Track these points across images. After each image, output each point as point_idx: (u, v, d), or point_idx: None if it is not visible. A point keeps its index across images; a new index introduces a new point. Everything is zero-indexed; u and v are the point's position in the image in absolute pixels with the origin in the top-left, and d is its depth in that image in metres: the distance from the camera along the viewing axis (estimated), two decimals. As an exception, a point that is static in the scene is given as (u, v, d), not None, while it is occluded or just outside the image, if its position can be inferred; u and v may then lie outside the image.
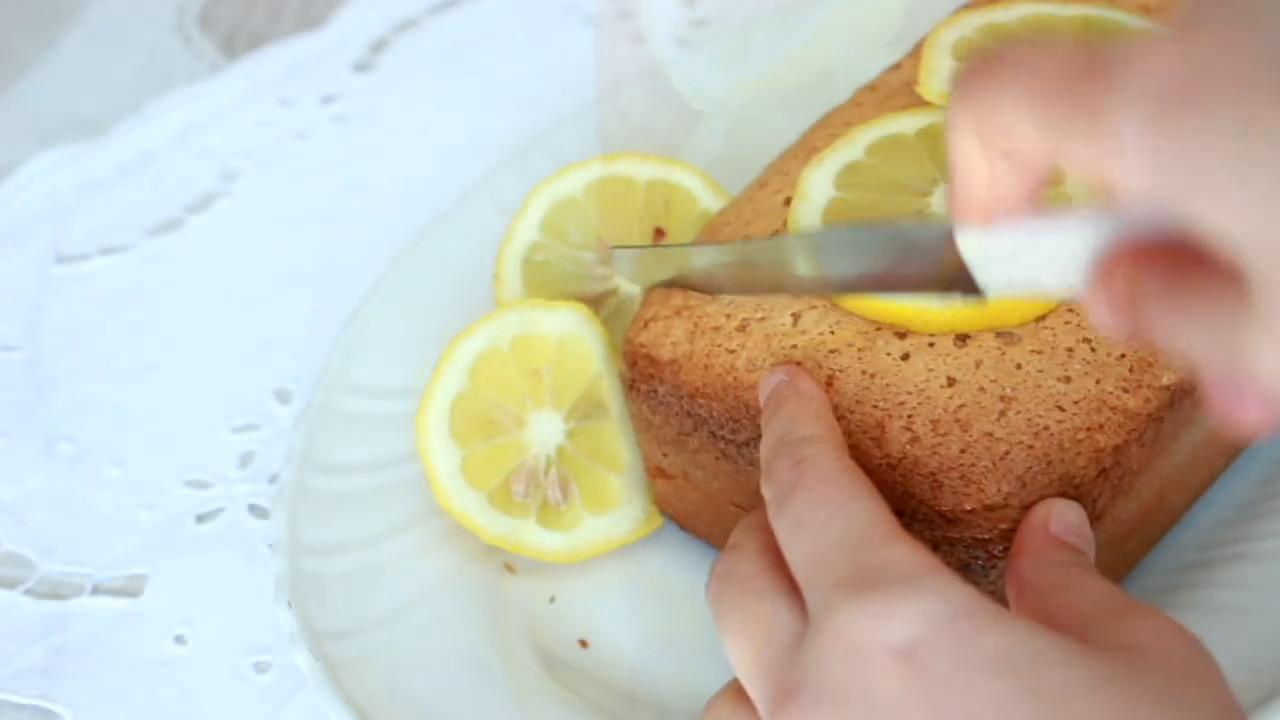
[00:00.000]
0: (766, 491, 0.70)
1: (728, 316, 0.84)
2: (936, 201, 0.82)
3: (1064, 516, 0.73)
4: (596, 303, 0.98)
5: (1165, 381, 0.81)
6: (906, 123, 0.86)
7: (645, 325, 0.87)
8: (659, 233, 0.98)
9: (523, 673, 0.87)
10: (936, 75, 0.87)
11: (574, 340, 0.93)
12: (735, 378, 0.83)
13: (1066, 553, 0.71)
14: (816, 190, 0.84)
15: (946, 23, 0.90)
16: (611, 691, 0.86)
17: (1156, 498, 0.87)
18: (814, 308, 0.83)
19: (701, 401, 0.84)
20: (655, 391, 0.86)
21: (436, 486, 0.91)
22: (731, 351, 0.83)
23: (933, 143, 0.85)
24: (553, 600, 0.91)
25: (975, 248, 0.65)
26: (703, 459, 0.87)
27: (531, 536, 0.91)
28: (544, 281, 0.99)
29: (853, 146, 0.85)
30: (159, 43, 1.34)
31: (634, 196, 1.00)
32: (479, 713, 0.84)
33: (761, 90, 1.17)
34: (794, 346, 0.82)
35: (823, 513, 0.66)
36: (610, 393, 0.93)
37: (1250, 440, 0.91)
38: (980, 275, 0.65)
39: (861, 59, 1.04)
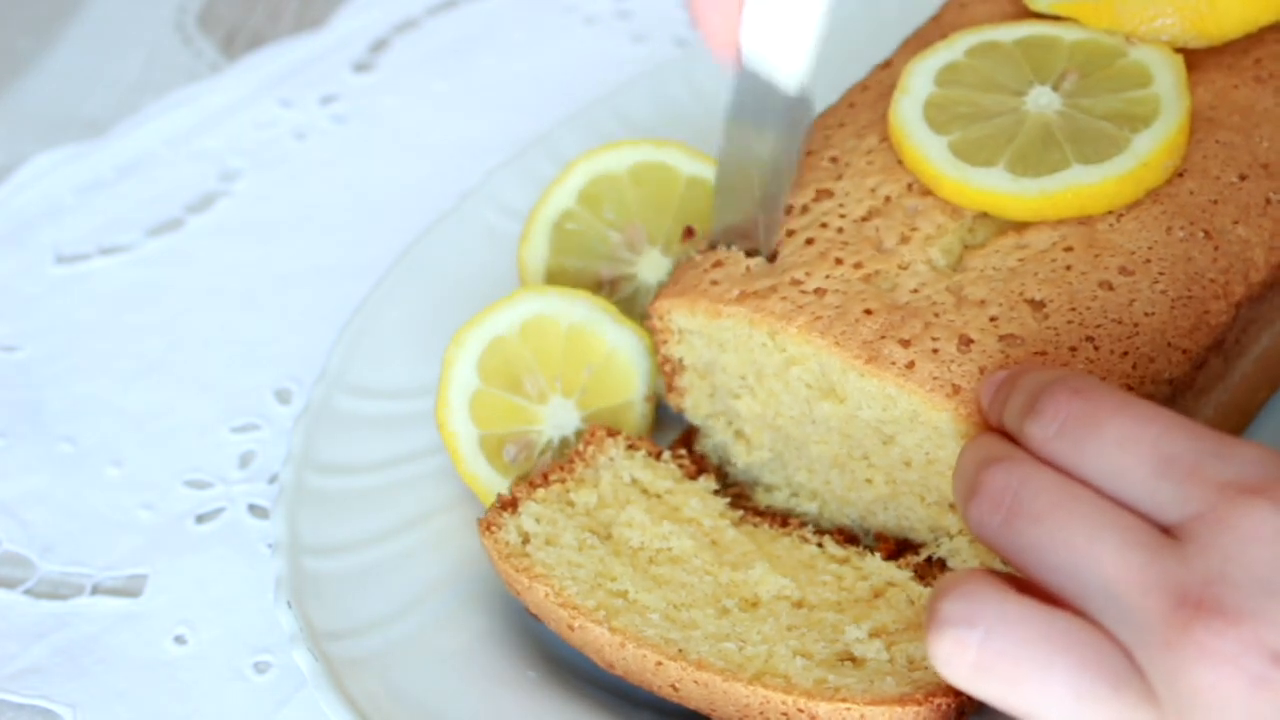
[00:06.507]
0: (1044, 426, 0.69)
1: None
2: (1031, 100, 0.86)
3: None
4: (612, 285, 0.99)
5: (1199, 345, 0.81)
6: (1005, 32, 0.90)
7: None
8: (688, 232, 0.98)
9: (523, 673, 0.87)
10: None
11: (624, 360, 0.94)
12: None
13: None
14: (918, 84, 0.88)
15: None
16: (611, 691, 0.86)
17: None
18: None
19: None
20: None
21: (442, 398, 0.93)
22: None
23: (1030, 50, 0.88)
24: (552, 600, 0.91)
25: None
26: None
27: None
28: (569, 249, 0.99)
29: (953, 48, 0.90)
30: (159, 43, 1.34)
31: (674, 189, 1.00)
32: (478, 713, 0.84)
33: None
34: None
35: (1155, 427, 0.66)
36: (634, 427, 0.94)
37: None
38: None
39: (848, 59, 1.04)
